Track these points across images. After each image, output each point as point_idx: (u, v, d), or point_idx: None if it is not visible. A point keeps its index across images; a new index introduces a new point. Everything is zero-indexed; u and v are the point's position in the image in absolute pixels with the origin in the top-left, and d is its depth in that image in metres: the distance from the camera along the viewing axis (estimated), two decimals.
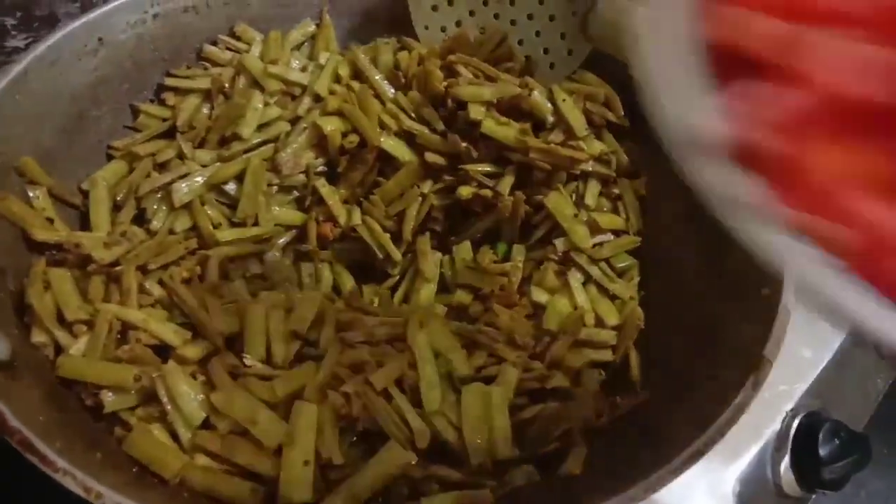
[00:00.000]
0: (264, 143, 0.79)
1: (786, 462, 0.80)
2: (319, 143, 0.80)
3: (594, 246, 0.76)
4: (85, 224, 0.73)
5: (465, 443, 0.59)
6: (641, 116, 0.81)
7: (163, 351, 0.62)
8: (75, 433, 0.54)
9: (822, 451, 0.78)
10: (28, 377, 0.56)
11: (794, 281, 0.60)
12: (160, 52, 0.81)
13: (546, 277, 0.74)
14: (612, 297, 0.75)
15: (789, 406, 0.83)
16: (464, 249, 0.80)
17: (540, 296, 0.74)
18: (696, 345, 0.66)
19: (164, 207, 0.75)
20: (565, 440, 0.62)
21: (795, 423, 0.82)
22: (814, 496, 0.83)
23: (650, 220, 0.80)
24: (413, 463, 0.58)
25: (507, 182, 0.79)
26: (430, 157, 0.80)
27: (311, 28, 0.89)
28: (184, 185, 0.74)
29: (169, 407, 0.57)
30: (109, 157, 0.78)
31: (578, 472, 0.60)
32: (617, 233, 0.78)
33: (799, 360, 0.87)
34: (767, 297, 0.61)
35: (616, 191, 0.80)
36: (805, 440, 0.80)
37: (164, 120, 0.81)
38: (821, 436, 0.79)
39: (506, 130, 0.78)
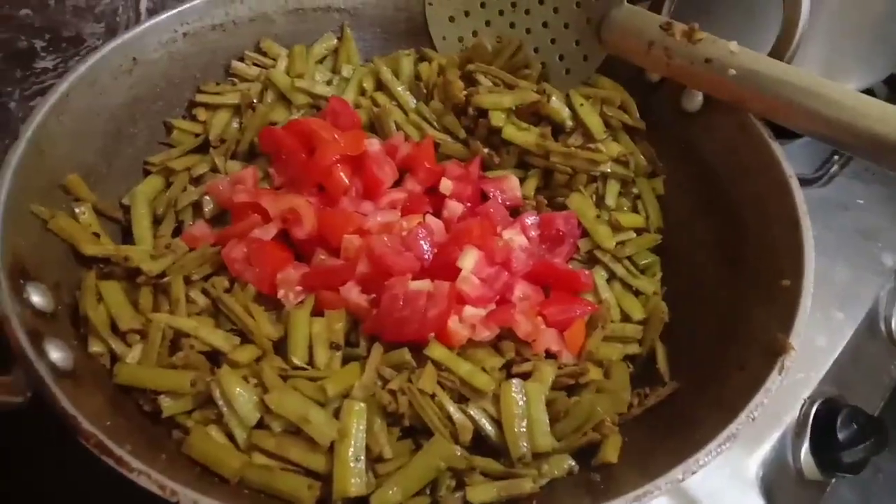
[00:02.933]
0: None
1: (805, 447, 0.82)
2: None
3: (617, 245, 0.79)
4: (127, 237, 0.76)
5: (505, 436, 0.62)
6: (655, 118, 0.84)
7: (212, 357, 0.65)
8: (139, 437, 0.56)
9: (841, 436, 0.81)
10: (89, 385, 0.58)
11: None
12: (191, 70, 0.84)
13: None
14: (636, 293, 0.78)
15: (807, 393, 0.85)
16: None
17: None
18: (719, 335, 0.69)
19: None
20: (600, 431, 0.65)
21: (814, 409, 0.84)
22: (833, 479, 0.85)
23: (668, 217, 0.83)
24: (457, 455, 0.60)
25: (530, 185, 0.82)
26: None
27: (334, 42, 0.92)
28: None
29: (225, 409, 0.60)
30: (146, 173, 0.81)
31: (615, 461, 0.62)
32: (638, 231, 0.81)
33: (814, 349, 0.89)
34: (788, 286, 0.64)
35: (635, 190, 0.83)
36: (824, 425, 0.82)
37: (197, 135, 0.83)
38: (839, 421, 0.82)
39: (526, 136, 0.82)
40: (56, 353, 0.56)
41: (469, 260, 0.70)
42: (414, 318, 0.64)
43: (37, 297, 0.59)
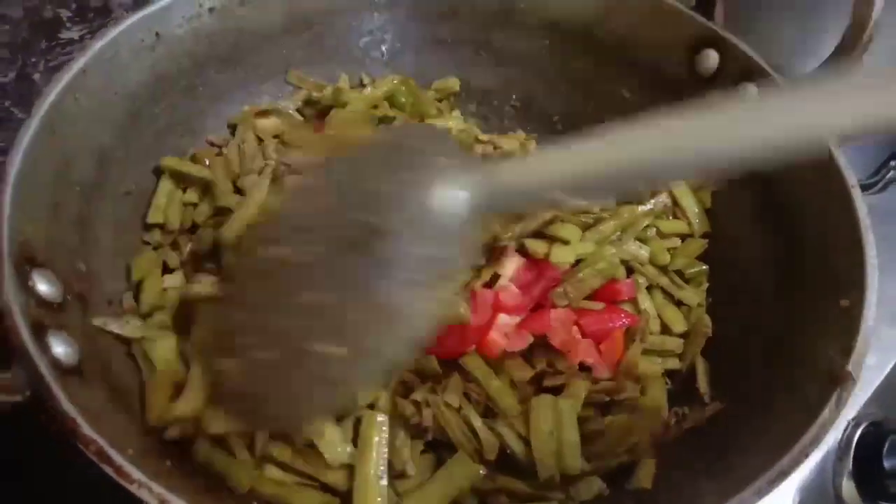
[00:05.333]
0: None
1: (847, 473, 0.78)
2: None
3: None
4: None
5: (533, 455, 0.58)
6: None
7: None
8: (145, 441, 0.53)
9: (887, 464, 0.77)
10: (96, 382, 0.55)
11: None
12: (217, 48, 0.80)
13: None
14: (679, 304, 0.73)
15: (851, 415, 0.81)
16: None
17: None
18: (769, 355, 0.64)
19: None
20: (633, 453, 0.60)
21: (858, 432, 0.80)
22: None
23: (716, 225, 0.78)
24: (481, 475, 0.57)
25: None
26: None
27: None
28: None
29: None
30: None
31: (649, 487, 0.58)
32: (682, 237, 0.76)
33: (862, 368, 0.85)
34: (847, 308, 0.59)
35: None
36: (868, 451, 0.78)
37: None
38: (885, 447, 0.77)
39: None
40: (60, 348, 0.52)
41: (510, 266, 0.65)
42: (454, 329, 0.60)
43: (43, 286, 0.56)
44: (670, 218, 0.78)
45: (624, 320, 0.68)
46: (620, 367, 0.66)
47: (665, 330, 0.71)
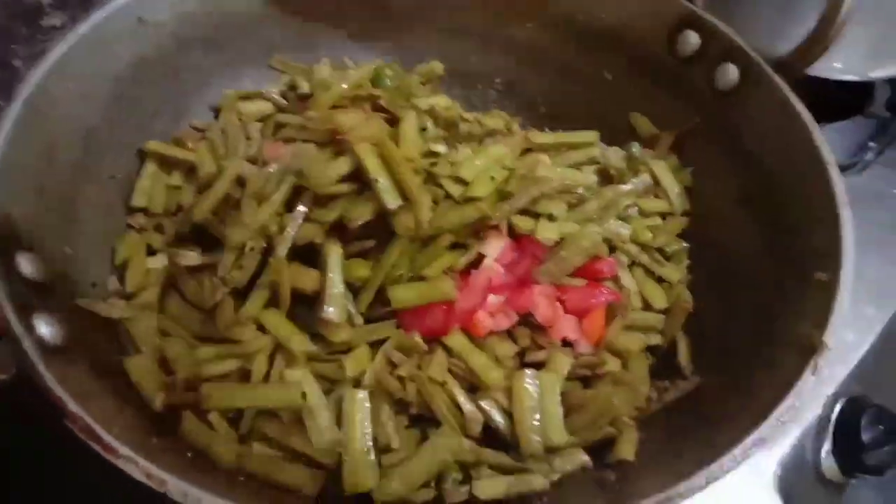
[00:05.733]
0: None
1: (827, 447, 0.79)
2: None
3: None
4: None
5: (516, 430, 0.59)
6: (686, 96, 0.80)
7: None
8: (131, 419, 0.54)
9: (865, 437, 0.78)
10: (81, 362, 0.55)
11: None
12: (199, 32, 0.80)
13: None
14: (660, 280, 0.74)
15: (831, 390, 0.82)
16: None
17: None
18: (748, 329, 0.65)
19: None
20: (616, 426, 0.61)
21: (837, 407, 0.81)
22: (853, 481, 0.82)
23: (697, 202, 0.79)
24: (466, 448, 0.57)
25: None
26: None
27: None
28: None
29: None
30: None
31: (632, 458, 0.59)
32: (663, 216, 0.77)
33: (841, 345, 0.85)
34: (823, 281, 0.60)
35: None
36: (847, 425, 0.79)
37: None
38: (863, 421, 0.78)
39: None
40: (45, 328, 0.53)
41: (495, 246, 0.66)
42: (439, 307, 0.61)
43: (28, 268, 0.56)
44: (652, 198, 0.79)
45: (606, 296, 0.68)
46: (603, 343, 0.66)
47: (646, 306, 0.72)
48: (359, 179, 0.65)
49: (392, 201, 0.63)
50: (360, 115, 0.70)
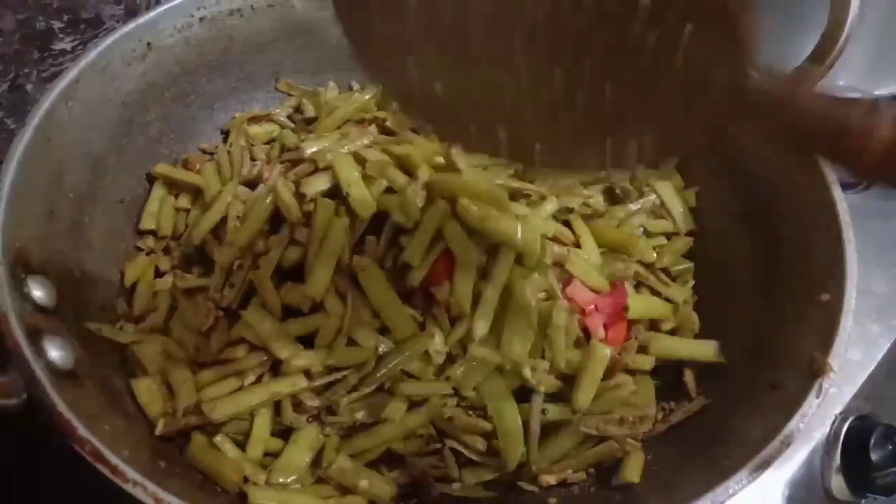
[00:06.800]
0: None
1: (836, 466, 0.79)
2: None
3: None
4: None
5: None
6: None
7: None
8: (139, 442, 0.54)
9: (874, 456, 0.78)
10: (90, 385, 0.56)
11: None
12: (207, 56, 0.81)
13: None
14: (666, 301, 0.74)
15: (839, 409, 0.82)
16: None
17: None
18: (752, 351, 0.65)
19: None
20: (623, 447, 0.61)
21: (845, 426, 0.81)
22: (863, 501, 0.82)
23: (701, 223, 0.79)
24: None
25: None
26: None
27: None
28: None
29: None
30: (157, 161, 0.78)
31: (637, 481, 0.59)
32: (668, 236, 0.78)
33: (848, 363, 0.85)
34: (827, 302, 0.60)
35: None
36: (856, 444, 0.79)
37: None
38: (872, 440, 0.78)
39: None
40: (55, 352, 0.53)
41: None
42: None
43: (38, 292, 0.57)
44: (656, 218, 0.79)
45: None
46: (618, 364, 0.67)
47: (652, 327, 0.72)
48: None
49: None
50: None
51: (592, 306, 0.67)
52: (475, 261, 0.63)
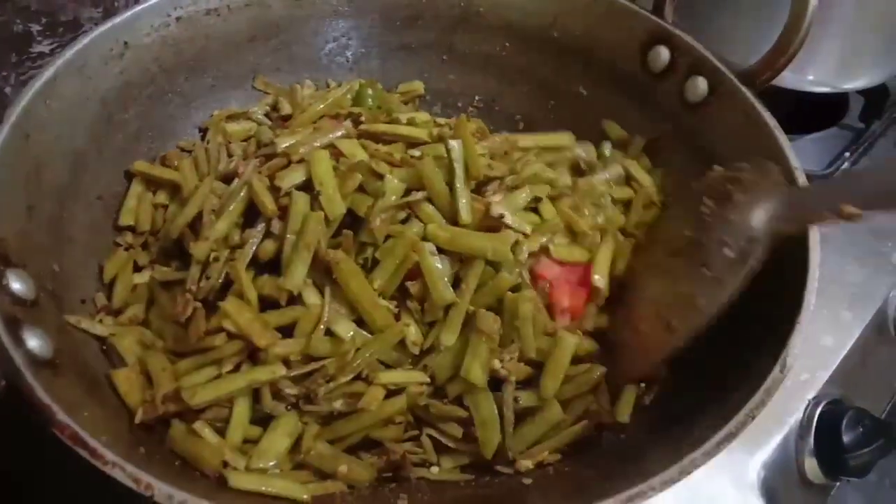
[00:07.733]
0: None
1: (809, 449, 0.81)
2: None
3: None
4: None
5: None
6: (658, 108, 0.82)
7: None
8: (119, 430, 0.55)
9: (846, 439, 0.79)
10: (70, 375, 0.57)
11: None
12: (184, 55, 0.82)
13: None
14: None
15: (812, 394, 0.84)
16: None
17: None
18: (720, 331, 0.66)
19: None
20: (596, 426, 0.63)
21: (818, 410, 0.82)
22: (837, 483, 0.83)
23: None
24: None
25: None
26: None
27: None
28: None
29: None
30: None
31: (627, 421, 0.63)
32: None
33: (820, 349, 0.87)
34: (791, 281, 0.62)
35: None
36: (828, 428, 0.81)
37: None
38: (844, 423, 0.80)
39: None
40: (34, 342, 0.54)
41: None
42: None
43: (17, 285, 0.57)
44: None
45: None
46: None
47: None
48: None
49: None
50: None
51: (561, 279, 0.69)
52: (445, 276, 0.65)
